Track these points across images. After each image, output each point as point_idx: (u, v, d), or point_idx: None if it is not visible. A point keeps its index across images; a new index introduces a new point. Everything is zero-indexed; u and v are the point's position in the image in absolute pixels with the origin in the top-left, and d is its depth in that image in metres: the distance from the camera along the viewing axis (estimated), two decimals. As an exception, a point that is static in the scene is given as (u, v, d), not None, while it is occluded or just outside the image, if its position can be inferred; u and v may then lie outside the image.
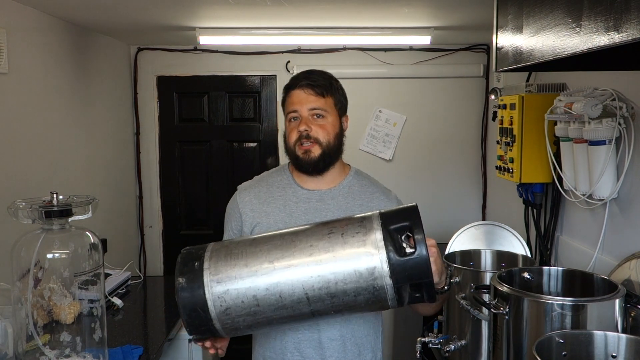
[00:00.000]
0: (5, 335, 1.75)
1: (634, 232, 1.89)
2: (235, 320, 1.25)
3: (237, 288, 1.23)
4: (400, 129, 3.74)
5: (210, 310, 1.23)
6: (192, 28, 2.98)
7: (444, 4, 2.43)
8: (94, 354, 1.64)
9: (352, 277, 1.21)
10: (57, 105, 2.67)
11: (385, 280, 1.20)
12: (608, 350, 1.36)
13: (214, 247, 1.32)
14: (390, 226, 1.22)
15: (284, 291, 1.22)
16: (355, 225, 1.25)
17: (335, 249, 1.22)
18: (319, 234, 1.26)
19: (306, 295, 1.22)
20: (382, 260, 1.19)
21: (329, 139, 1.60)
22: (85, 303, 1.65)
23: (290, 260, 1.23)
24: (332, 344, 1.59)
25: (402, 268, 1.19)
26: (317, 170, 1.62)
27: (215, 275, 1.24)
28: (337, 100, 1.64)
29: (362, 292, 1.22)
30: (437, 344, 2.02)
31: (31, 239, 1.56)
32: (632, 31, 0.85)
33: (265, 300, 1.23)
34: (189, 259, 1.29)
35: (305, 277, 1.22)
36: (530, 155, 2.34)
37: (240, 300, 1.23)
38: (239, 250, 1.27)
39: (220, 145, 3.81)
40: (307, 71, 1.66)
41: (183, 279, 1.25)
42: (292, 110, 1.61)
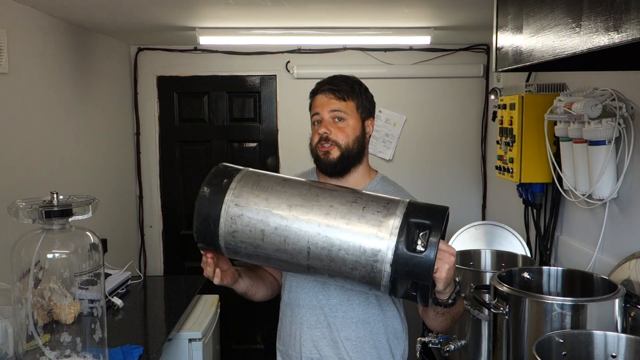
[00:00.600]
0: (5, 335, 1.75)
1: (634, 232, 1.89)
2: (238, 245, 1.31)
3: (250, 216, 1.28)
4: (400, 129, 3.74)
5: (220, 226, 1.30)
6: (192, 28, 2.98)
7: (444, 4, 2.43)
8: (94, 354, 1.64)
9: (356, 250, 1.23)
10: (57, 105, 2.67)
11: (384, 267, 1.21)
12: (608, 350, 1.36)
13: (246, 172, 1.37)
14: (411, 218, 1.23)
15: (290, 237, 1.26)
16: (379, 204, 1.27)
17: (351, 219, 1.25)
18: (343, 198, 1.29)
19: (308, 249, 1.26)
20: (388, 247, 1.21)
21: (348, 141, 1.63)
22: (85, 303, 1.65)
23: (306, 211, 1.27)
24: (348, 344, 1.61)
25: (405, 262, 1.20)
26: (336, 171, 1.64)
27: (236, 197, 1.30)
28: (359, 103, 1.67)
29: (359, 267, 1.24)
30: (437, 344, 2.02)
31: (31, 239, 1.56)
32: (632, 31, 0.85)
33: (270, 237, 1.28)
34: (220, 174, 1.36)
35: (314, 232, 1.25)
36: (530, 155, 2.34)
37: (249, 229, 1.28)
38: (267, 184, 1.33)
39: (220, 145, 3.81)
40: (331, 76, 1.70)
41: (208, 189, 1.33)
42: (315, 113, 1.66)
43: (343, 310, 1.61)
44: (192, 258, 3.85)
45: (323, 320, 1.62)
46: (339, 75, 1.70)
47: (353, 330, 1.60)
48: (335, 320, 1.61)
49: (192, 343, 2.56)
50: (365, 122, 1.69)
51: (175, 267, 3.87)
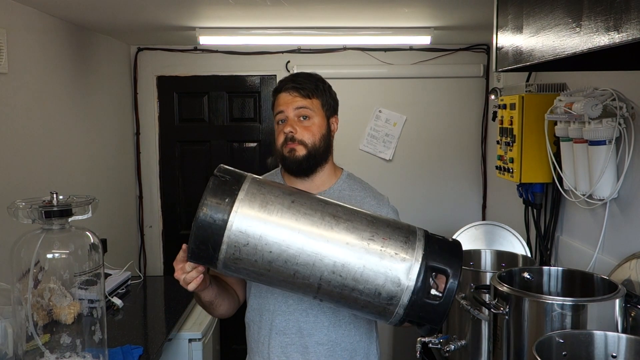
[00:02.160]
0: (5, 335, 1.75)
1: (634, 232, 1.89)
2: (239, 270, 1.21)
3: (257, 246, 1.16)
4: (400, 129, 3.74)
5: (220, 251, 1.17)
6: (192, 28, 2.97)
7: (444, 4, 2.43)
8: (93, 354, 1.64)
9: (371, 292, 1.17)
10: (57, 105, 2.67)
11: (398, 310, 1.18)
12: (608, 350, 1.36)
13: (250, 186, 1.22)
14: (430, 262, 1.18)
15: (300, 272, 1.17)
16: (397, 243, 1.19)
17: (368, 260, 1.17)
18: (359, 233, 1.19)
19: (318, 286, 1.18)
20: (406, 292, 1.16)
21: (314, 140, 1.59)
22: (85, 303, 1.65)
23: (321, 247, 1.17)
24: (319, 349, 1.57)
25: (419, 308, 1.17)
26: (302, 170, 1.61)
27: (241, 223, 1.16)
28: (324, 101, 1.64)
29: (370, 307, 1.19)
30: (437, 344, 2.02)
31: (31, 239, 1.55)
32: (632, 31, 0.85)
33: (278, 270, 1.18)
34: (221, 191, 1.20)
35: (328, 271, 1.17)
36: (530, 155, 2.34)
37: (255, 259, 1.17)
38: (275, 208, 1.19)
39: (220, 145, 3.81)
40: (293, 74, 1.67)
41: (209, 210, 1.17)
42: (279, 112, 1.62)
43: (314, 314, 1.57)
44: (192, 258, 3.87)
45: (293, 326, 1.57)
46: (301, 73, 1.67)
47: (325, 334, 1.57)
48: (307, 325, 1.56)
49: (192, 343, 2.56)
50: (330, 120, 1.66)
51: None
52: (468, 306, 1.87)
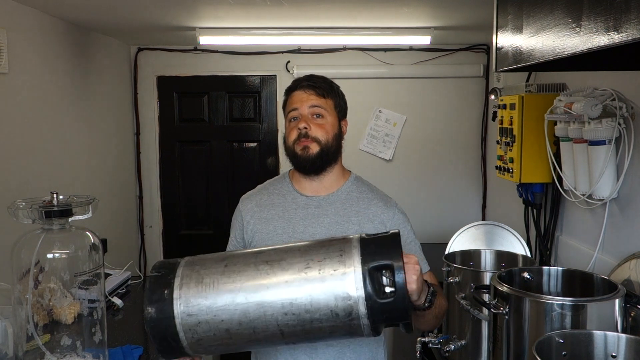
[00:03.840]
0: (5, 335, 1.75)
1: (634, 232, 1.89)
2: (208, 349, 1.23)
3: (209, 321, 1.19)
4: (400, 129, 3.74)
5: (181, 340, 1.20)
6: (192, 28, 2.98)
7: (444, 4, 2.43)
8: (94, 354, 1.64)
9: (329, 316, 1.17)
10: (57, 105, 2.67)
11: (362, 321, 1.17)
12: (608, 350, 1.36)
13: (184, 271, 1.25)
14: (370, 264, 1.17)
15: (258, 327, 1.19)
16: (333, 260, 1.20)
17: (312, 289, 1.17)
18: (295, 268, 1.20)
19: (280, 331, 1.19)
20: (359, 303, 1.16)
21: (328, 138, 1.60)
22: (85, 303, 1.64)
23: (263, 297, 1.19)
24: (328, 350, 1.57)
25: (380, 310, 1.16)
26: (315, 168, 1.61)
27: (186, 307, 1.20)
28: (337, 103, 1.65)
29: (337, 329, 1.19)
30: (437, 344, 2.02)
31: (31, 239, 1.55)
32: (632, 31, 0.85)
33: (238, 333, 1.20)
34: (157, 286, 1.23)
35: (280, 314, 1.18)
36: (530, 155, 2.34)
37: (212, 333, 1.20)
38: (211, 279, 1.22)
39: (220, 145, 3.81)
40: (308, 75, 1.68)
41: (152, 308, 1.20)
42: (293, 109, 1.62)
43: None
44: (192, 258, 3.87)
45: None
46: (316, 75, 1.68)
47: None
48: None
49: None
50: (341, 123, 1.67)
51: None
52: (468, 306, 1.87)
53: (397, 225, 1.63)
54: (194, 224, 3.87)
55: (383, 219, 1.63)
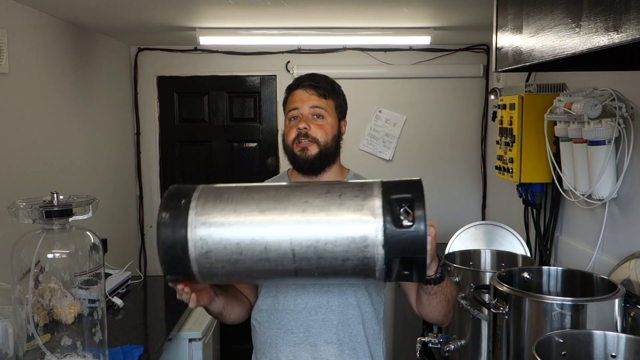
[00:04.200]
0: (5, 335, 1.75)
1: (634, 232, 1.89)
2: (214, 266, 1.19)
3: (221, 232, 1.17)
4: (400, 129, 3.74)
5: (190, 251, 1.17)
6: (192, 28, 2.98)
7: (444, 4, 2.43)
8: (94, 353, 1.64)
9: (344, 240, 1.15)
10: (57, 106, 2.67)
11: (377, 249, 1.15)
12: (607, 350, 1.36)
13: (204, 188, 1.26)
14: (391, 196, 1.17)
15: (270, 243, 1.16)
16: (354, 189, 1.20)
17: (330, 209, 1.17)
18: (315, 191, 1.21)
19: (292, 251, 1.17)
20: (377, 229, 1.14)
21: (327, 139, 1.60)
22: (85, 303, 1.65)
23: (281, 212, 1.18)
24: (328, 348, 1.57)
25: (397, 240, 1.14)
26: (313, 169, 1.61)
27: (200, 215, 1.18)
28: (337, 103, 1.65)
29: (351, 257, 1.16)
30: (437, 343, 2.02)
31: (31, 239, 1.55)
32: (631, 31, 0.85)
33: (249, 249, 1.17)
34: (176, 195, 1.22)
35: (295, 232, 1.16)
36: (530, 155, 2.34)
37: (223, 246, 1.17)
38: (230, 195, 1.22)
39: (220, 145, 3.81)
40: (310, 74, 1.67)
41: (167, 214, 1.19)
42: (293, 108, 1.62)
43: (322, 313, 1.56)
44: (192, 258, 3.87)
45: (301, 325, 1.56)
46: (317, 74, 1.67)
47: (334, 333, 1.56)
48: (315, 324, 1.56)
49: (192, 343, 2.56)
50: (341, 123, 1.67)
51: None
52: (468, 306, 1.87)
53: None
54: (194, 224, 3.86)
55: None
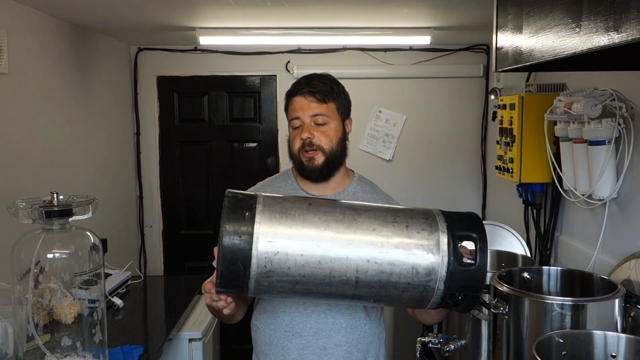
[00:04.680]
0: (5, 335, 1.75)
1: (634, 232, 1.89)
2: (273, 285, 1.16)
3: (288, 252, 1.14)
4: (400, 129, 3.74)
5: (252, 267, 1.14)
6: (192, 28, 2.98)
7: (444, 4, 2.43)
8: (94, 353, 1.64)
9: (409, 272, 1.16)
10: (57, 105, 2.67)
11: (438, 285, 1.18)
12: (608, 350, 1.36)
13: (265, 198, 1.20)
14: (456, 232, 1.19)
15: (336, 268, 1.15)
16: (420, 221, 1.21)
17: (399, 240, 1.17)
18: (382, 219, 1.20)
19: (356, 279, 1.16)
20: (442, 264, 1.17)
21: (332, 145, 1.59)
22: (85, 303, 1.65)
23: (351, 237, 1.17)
24: (337, 350, 1.57)
25: (459, 277, 1.17)
26: (322, 177, 1.61)
27: (268, 231, 1.14)
28: (339, 104, 1.63)
29: (411, 289, 1.18)
30: (437, 343, 2.02)
31: (31, 239, 1.55)
32: (632, 31, 0.85)
33: (313, 272, 1.15)
34: (238, 206, 1.17)
35: (363, 260, 1.15)
36: (530, 155, 2.34)
37: (287, 266, 1.14)
38: (296, 212, 1.18)
39: (220, 145, 3.81)
40: (307, 76, 1.64)
41: (231, 226, 1.13)
42: (295, 117, 1.60)
43: (332, 316, 1.57)
44: (192, 258, 3.87)
45: (310, 328, 1.56)
46: (315, 75, 1.64)
47: (343, 336, 1.57)
48: (325, 327, 1.56)
49: (192, 343, 2.56)
50: (345, 122, 1.66)
51: (175, 267, 3.87)
52: (468, 306, 1.87)
53: None
54: (194, 224, 3.87)
55: None
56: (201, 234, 3.83)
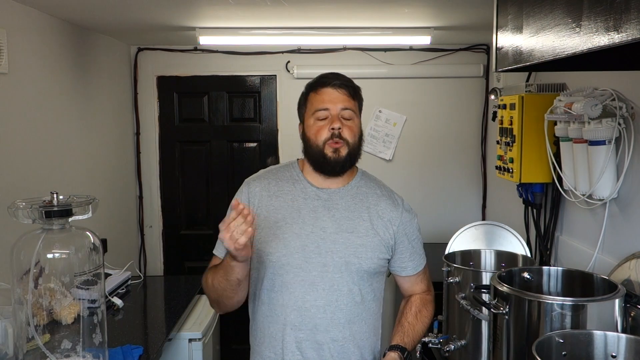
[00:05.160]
0: (5, 335, 1.75)
1: (634, 232, 1.89)
2: None
3: None
4: (400, 129, 3.74)
5: None
6: (192, 28, 2.98)
7: (444, 4, 2.43)
8: (94, 353, 1.64)
9: None
10: (57, 106, 2.67)
11: None
12: (608, 350, 1.36)
13: None
14: None
15: None
16: None
17: None
18: None
19: None
20: None
21: (355, 140, 1.60)
22: (85, 303, 1.65)
23: None
24: (334, 345, 1.58)
25: None
26: (343, 169, 1.61)
27: None
28: (360, 105, 1.66)
29: None
30: (437, 343, 2.02)
31: (31, 239, 1.55)
32: (632, 31, 0.85)
33: None
34: None
35: None
36: (530, 155, 2.34)
37: None
38: None
39: (220, 145, 3.81)
40: (334, 73, 1.65)
41: None
42: (323, 108, 1.57)
43: (331, 311, 1.57)
44: (192, 258, 3.87)
45: (309, 322, 1.57)
46: (339, 73, 1.65)
47: (340, 331, 1.58)
48: (323, 322, 1.57)
49: (192, 343, 2.56)
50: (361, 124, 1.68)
51: (175, 267, 3.87)
52: (468, 306, 1.87)
53: (405, 225, 1.67)
54: (194, 224, 3.87)
55: (391, 218, 1.65)
56: (201, 234, 3.82)
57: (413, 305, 1.72)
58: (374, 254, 1.62)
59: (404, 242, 1.68)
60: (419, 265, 1.73)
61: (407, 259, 1.70)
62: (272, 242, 1.59)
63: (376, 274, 1.65)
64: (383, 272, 1.70)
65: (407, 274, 1.72)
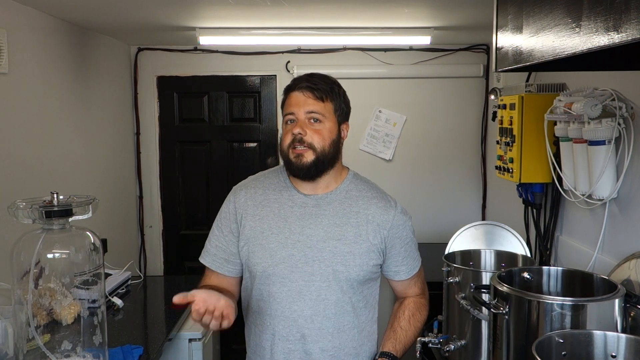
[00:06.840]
0: (5, 335, 1.75)
1: (634, 232, 1.89)
2: None
3: None
4: (400, 129, 3.74)
5: None
6: (192, 28, 2.98)
7: (444, 4, 2.43)
8: (94, 354, 1.64)
9: None
10: (57, 105, 2.67)
11: None
12: (608, 350, 1.36)
13: None
14: None
15: None
16: None
17: None
18: None
19: None
20: None
21: (324, 145, 1.53)
22: (85, 303, 1.65)
23: None
24: (323, 355, 1.56)
25: None
26: (309, 176, 1.55)
27: None
28: (337, 106, 1.58)
29: None
30: (437, 343, 2.02)
31: (31, 239, 1.55)
32: (631, 31, 0.85)
33: None
34: None
35: None
36: (530, 155, 2.34)
37: None
38: None
39: (220, 145, 3.81)
40: (309, 74, 1.60)
41: None
42: (289, 113, 1.56)
43: (319, 321, 1.55)
44: (192, 258, 3.86)
45: (296, 332, 1.55)
46: (317, 74, 1.60)
47: (329, 341, 1.56)
48: (311, 332, 1.55)
49: (192, 343, 2.56)
50: (341, 126, 1.61)
51: (175, 267, 3.87)
52: (468, 306, 1.87)
53: (397, 228, 1.62)
54: (194, 224, 3.87)
55: (382, 221, 1.60)
56: (201, 234, 3.79)
57: (407, 309, 1.70)
58: (363, 260, 1.57)
59: (396, 246, 1.63)
60: (412, 269, 1.69)
61: (399, 263, 1.66)
62: (258, 253, 1.57)
63: (367, 281, 1.61)
64: (376, 279, 1.66)
65: (400, 278, 1.68)
